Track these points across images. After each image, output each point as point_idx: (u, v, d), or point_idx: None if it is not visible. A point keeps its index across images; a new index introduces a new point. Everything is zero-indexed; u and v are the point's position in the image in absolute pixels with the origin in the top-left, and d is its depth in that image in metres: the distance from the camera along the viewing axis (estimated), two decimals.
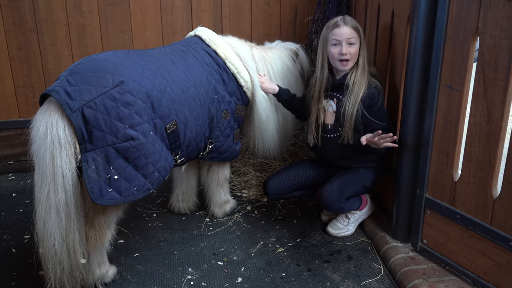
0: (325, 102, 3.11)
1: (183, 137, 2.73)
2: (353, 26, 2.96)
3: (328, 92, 3.10)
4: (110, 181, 2.40)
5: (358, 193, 3.19)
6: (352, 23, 2.98)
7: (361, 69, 2.99)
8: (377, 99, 2.97)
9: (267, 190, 3.26)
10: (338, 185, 3.06)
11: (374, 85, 2.99)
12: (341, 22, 2.98)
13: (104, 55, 2.55)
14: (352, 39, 2.96)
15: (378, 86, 3.00)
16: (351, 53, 2.96)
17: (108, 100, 2.36)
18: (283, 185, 3.24)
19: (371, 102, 2.96)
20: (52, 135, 2.30)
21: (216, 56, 3.06)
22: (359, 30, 2.98)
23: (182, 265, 3.00)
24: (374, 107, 2.97)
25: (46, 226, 2.40)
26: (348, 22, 2.97)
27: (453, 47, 2.52)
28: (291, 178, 3.26)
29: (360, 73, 2.99)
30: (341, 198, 3.06)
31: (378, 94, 2.97)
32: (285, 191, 3.26)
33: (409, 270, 2.80)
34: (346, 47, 2.96)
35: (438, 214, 2.77)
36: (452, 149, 2.63)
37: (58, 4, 3.79)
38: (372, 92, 2.96)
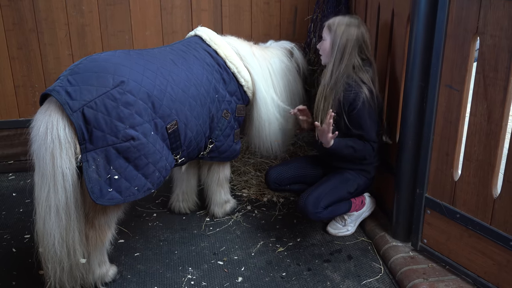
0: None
1: (184, 137, 2.73)
2: (328, 26, 3.00)
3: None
4: (111, 181, 2.40)
5: (339, 200, 3.13)
6: (329, 24, 3.00)
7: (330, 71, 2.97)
8: (355, 105, 2.93)
9: (268, 179, 3.27)
10: (315, 195, 3.03)
11: (356, 90, 2.92)
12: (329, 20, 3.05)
13: (104, 55, 2.55)
14: (323, 36, 3.04)
15: (362, 92, 2.92)
16: (322, 49, 3.06)
17: (108, 100, 2.36)
18: (283, 176, 3.24)
19: (350, 107, 2.95)
20: (52, 135, 2.30)
21: (217, 55, 3.06)
22: (331, 28, 2.98)
23: (182, 265, 3.00)
24: (351, 112, 2.95)
25: (46, 225, 2.40)
26: (328, 22, 3.03)
27: (453, 46, 2.52)
28: (292, 170, 3.26)
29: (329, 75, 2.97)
30: (317, 208, 3.01)
31: (357, 100, 2.91)
32: (285, 182, 3.26)
33: (409, 270, 2.80)
34: (319, 43, 3.10)
35: (438, 213, 2.77)
36: (452, 149, 2.63)
37: (58, 4, 3.79)
38: (352, 97, 2.93)
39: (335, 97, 2.96)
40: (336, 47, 2.95)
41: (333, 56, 2.97)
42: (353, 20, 2.97)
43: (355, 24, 2.95)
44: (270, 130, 3.33)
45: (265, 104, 3.23)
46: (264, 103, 3.23)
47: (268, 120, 3.28)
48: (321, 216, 3.06)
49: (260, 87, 3.19)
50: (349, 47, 2.92)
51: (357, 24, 2.95)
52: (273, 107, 3.29)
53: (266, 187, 3.77)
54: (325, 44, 3.02)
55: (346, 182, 3.12)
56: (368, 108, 2.94)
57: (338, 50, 2.94)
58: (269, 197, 3.68)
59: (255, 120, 3.28)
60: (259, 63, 3.25)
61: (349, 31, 2.92)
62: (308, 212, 3.01)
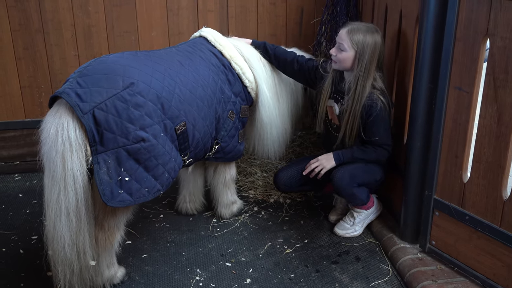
0: (331, 101, 3.11)
1: (192, 137, 2.73)
2: (352, 36, 2.88)
3: (333, 94, 3.11)
4: (121, 183, 2.40)
5: (368, 184, 3.12)
6: (352, 34, 2.89)
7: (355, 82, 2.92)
8: (371, 112, 2.92)
9: (277, 181, 3.26)
10: (350, 171, 3.01)
11: (371, 97, 2.91)
12: (347, 26, 2.97)
13: (113, 57, 2.55)
14: (341, 45, 2.93)
15: (378, 99, 2.91)
16: (338, 58, 2.96)
17: (118, 102, 2.35)
18: (294, 178, 3.23)
19: (367, 114, 2.94)
20: (63, 137, 2.30)
21: (222, 56, 3.06)
22: (353, 37, 2.88)
23: (190, 266, 3.00)
24: (368, 119, 2.95)
25: (56, 228, 2.40)
26: (350, 30, 2.91)
27: (463, 48, 2.52)
28: (302, 171, 3.21)
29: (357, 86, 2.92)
30: (353, 183, 3.01)
31: (374, 107, 2.90)
32: (296, 184, 3.25)
33: (417, 272, 2.80)
34: (335, 49, 2.98)
35: (447, 215, 2.77)
36: (462, 151, 2.63)
37: (64, 4, 3.78)
38: (369, 104, 2.91)
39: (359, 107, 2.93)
40: (363, 62, 2.87)
41: (360, 72, 2.89)
42: (373, 28, 2.93)
43: (375, 31, 2.91)
44: (270, 135, 3.32)
45: (267, 106, 3.23)
46: (267, 105, 3.22)
47: (268, 125, 3.27)
48: (355, 192, 3.04)
49: (263, 89, 3.19)
50: (375, 58, 2.89)
51: (377, 31, 2.92)
52: (275, 109, 3.28)
53: (272, 188, 3.78)
54: (346, 55, 2.92)
55: (372, 169, 3.10)
56: (383, 114, 2.93)
57: (365, 66, 2.87)
58: (275, 198, 3.68)
59: (257, 122, 3.28)
60: (264, 67, 3.25)
61: (374, 40, 2.87)
62: (345, 185, 2.99)
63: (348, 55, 2.93)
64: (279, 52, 3.28)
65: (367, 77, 2.89)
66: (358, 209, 3.22)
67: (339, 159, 3.06)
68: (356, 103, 2.92)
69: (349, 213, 3.27)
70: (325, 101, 3.12)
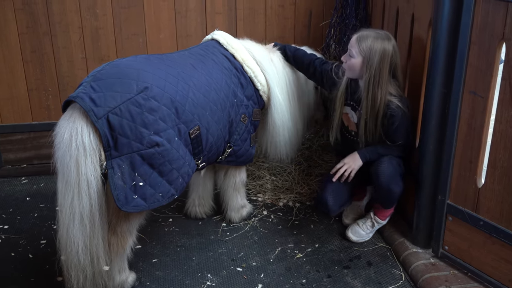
0: (348, 109, 3.09)
1: (206, 142, 2.71)
2: (360, 43, 2.86)
3: (349, 101, 3.08)
4: (136, 188, 2.38)
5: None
6: (360, 41, 2.86)
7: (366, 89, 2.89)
8: (393, 121, 2.89)
9: (326, 204, 3.06)
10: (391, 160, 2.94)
11: (393, 107, 2.88)
12: (357, 33, 2.94)
13: (126, 61, 2.53)
14: (351, 52, 2.91)
15: (399, 108, 2.88)
16: (347, 64, 2.95)
17: (133, 106, 2.34)
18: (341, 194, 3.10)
19: (388, 123, 2.92)
20: (77, 142, 2.28)
21: (234, 60, 3.04)
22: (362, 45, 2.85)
23: (201, 271, 2.98)
24: (390, 126, 2.92)
25: (69, 233, 2.38)
26: (359, 37, 2.88)
27: (478, 53, 2.50)
28: (347, 187, 3.11)
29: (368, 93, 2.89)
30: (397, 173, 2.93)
31: (396, 116, 2.87)
32: (344, 200, 3.14)
33: (431, 277, 2.79)
34: (346, 55, 2.97)
35: (461, 220, 2.76)
36: (476, 156, 2.62)
37: (72, 7, 3.76)
38: (390, 114, 2.88)
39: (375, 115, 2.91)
40: (372, 69, 2.84)
41: (370, 80, 2.85)
42: (384, 35, 2.88)
43: (387, 38, 2.86)
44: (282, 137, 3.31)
45: (279, 108, 3.21)
46: (279, 108, 3.21)
47: (280, 128, 3.26)
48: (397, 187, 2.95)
49: (275, 92, 3.17)
50: (385, 65, 2.84)
51: (389, 38, 2.87)
52: (287, 111, 3.27)
53: (281, 191, 3.77)
54: (355, 62, 2.90)
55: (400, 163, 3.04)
56: (405, 121, 2.92)
57: (375, 73, 2.84)
58: (284, 202, 3.67)
59: (269, 124, 3.26)
60: (276, 69, 3.24)
61: (382, 47, 2.83)
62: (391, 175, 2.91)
63: (356, 61, 2.91)
64: (298, 54, 3.28)
65: (378, 84, 2.85)
66: (379, 219, 3.17)
67: (365, 156, 3.01)
68: (371, 111, 2.90)
69: (368, 221, 3.21)
70: (340, 108, 3.09)
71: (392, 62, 2.87)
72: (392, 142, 2.96)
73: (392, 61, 2.87)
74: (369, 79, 2.86)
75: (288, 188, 3.79)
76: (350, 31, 3.89)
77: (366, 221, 3.21)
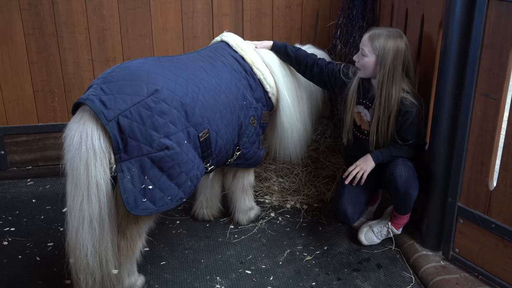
0: (361, 108, 3.06)
1: (215, 145, 2.69)
2: (372, 41, 2.85)
3: (362, 100, 3.06)
4: (145, 191, 2.37)
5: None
6: (373, 39, 2.85)
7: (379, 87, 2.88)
8: (407, 117, 2.87)
9: (346, 214, 3.01)
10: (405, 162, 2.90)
11: (408, 104, 2.86)
12: (369, 32, 2.93)
13: (136, 63, 2.51)
14: (363, 51, 2.90)
15: (413, 103, 2.86)
16: (360, 63, 2.94)
17: (143, 109, 2.32)
18: (359, 201, 3.06)
19: (402, 119, 2.90)
20: (87, 145, 2.26)
21: (243, 62, 3.02)
22: (374, 43, 2.84)
23: (210, 274, 2.96)
24: (404, 123, 2.90)
25: (78, 236, 2.36)
26: (372, 36, 2.87)
27: (491, 55, 2.48)
28: (363, 194, 3.09)
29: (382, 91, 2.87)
30: (414, 175, 2.89)
31: (410, 112, 2.86)
32: (362, 207, 3.11)
33: (441, 280, 2.77)
34: (358, 55, 2.96)
35: (472, 223, 2.74)
36: (488, 158, 2.60)
37: (78, 7, 3.74)
38: (404, 110, 2.87)
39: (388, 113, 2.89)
40: (386, 67, 2.82)
41: (384, 78, 2.84)
42: (396, 33, 2.87)
43: (400, 36, 2.85)
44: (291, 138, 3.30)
45: (288, 110, 3.19)
46: (288, 110, 3.19)
47: (289, 129, 3.25)
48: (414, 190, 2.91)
49: (284, 94, 3.16)
50: (398, 63, 2.82)
51: (401, 36, 2.86)
52: (296, 113, 3.25)
53: (288, 193, 3.75)
54: (368, 61, 2.88)
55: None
56: (419, 119, 2.90)
57: (389, 71, 2.82)
58: (292, 204, 3.65)
59: (277, 126, 3.25)
60: (285, 70, 3.22)
61: (396, 45, 2.81)
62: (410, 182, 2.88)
63: (370, 60, 2.89)
64: (300, 55, 3.21)
65: (392, 82, 2.83)
66: (394, 228, 3.12)
67: (378, 158, 2.98)
68: (385, 109, 2.88)
69: (384, 230, 3.16)
70: (351, 108, 3.07)
71: (405, 59, 2.85)
72: (403, 141, 2.94)
73: (405, 59, 2.86)
74: (382, 77, 2.84)
75: (295, 190, 3.78)
76: (357, 32, 3.88)
77: (381, 230, 3.16)
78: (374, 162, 2.99)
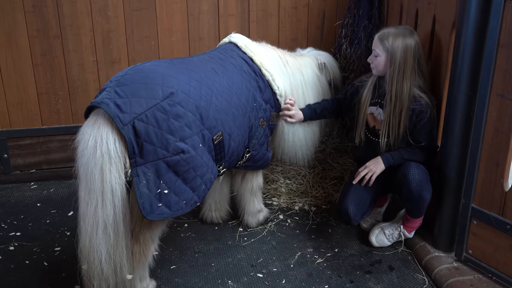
0: (374, 108, 3.05)
1: (228, 147, 2.67)
2: (382, 40, 2.89)
3: (376, 100, 3.04)
4: (161, 196, 2.33)
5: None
6: (382, 38, 2.89)
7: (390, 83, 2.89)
8: (421, 117, 2.87)
9: (347, 213, 2.99)
10: (418, 165, 2.88)
11: (423, 104, 2.86)
12: (379, 32, 2.95)
13: (150, 65, 2.48)
14: (375, 51, 2.94)
15: (427, 103, 2.87)
16: (374, 64, 2.97)
17: (159, 112, 2.28)
18: (363, 202, 3.04)
19: (416, 119, 2.89)
20: (102, 149, 2.22)
21: (252, 63, 3.00)
22: (384, 42, 2.87)
23: (221, 278, 2.93)
24: (417, 124, 2.90)
25: (92, 242, 2.32)
26: (381, 35, 2.91)
27: (507, 56, 2.47)
28: (369, 194, 3.06)
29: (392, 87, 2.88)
30: (427, 178, 2.87)
31: (424, 113, 2.86)
32: (365, 208, 3.08)
33: (456, 281, 2.76)
34: (371, 56, 2.99)
35: (486, 224, 2.72)
36: (503, 159, 2.58)
37: (83, 9, 3.70)
38: (418, 110, 2.87)
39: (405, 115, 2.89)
40: (396, 63, 2.84)
41: (394, 73, 2.85)
42: (406, 30, 2.88)
43: (409, 33, 2.86)
44: (298, 140, 3.28)
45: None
46: None
47: (296, 130, 3.23)
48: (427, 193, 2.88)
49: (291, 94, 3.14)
50: (409, 59, 2.83)
51: (412, 34, 2.87)
52: None
53: (296, 195, 3.73)
54: (378, 61, 2.92)
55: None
56: (432, 119, 2.89)
57: (399, 67, 2.84)
58: (300, 206, 3.63)
59: (285, 128, 3.23)
60: (292, 72, 3.20)
61: (404, 42, 2.83)
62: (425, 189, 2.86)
63: (382, 59, 2.92)
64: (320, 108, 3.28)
65: (402, 77, 2.85)
66: (407, 232, 3.10)
67: (388, 161, 2.97)
68: (396, 104, 2.88)
69: (396, 233, 3.14)
70: (365, 109, 3.06)
71: (415, 55, 2.86)
72: (415, 142, 2.93)
73: (416, 54, 2.86)
74: (393, 72, 2.86)
75: (303, 191, 3.75)
76: (362, 32, 3.86)
77: (393, 232, 3.14)
78: (384, 164, 2.98)
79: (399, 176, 2.91)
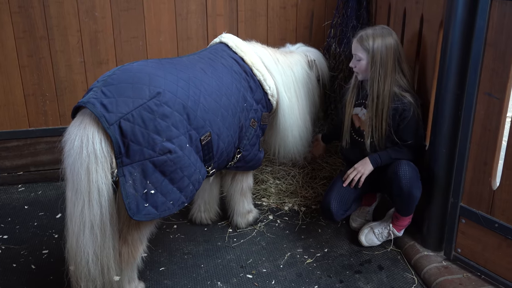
0: (359, 109, 3.05)
1: (216, 148, 2.65)
2: (362, 43, 2.90)
3: (360, 100, 3.06)
4: (147, 196, 2.32)
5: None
6: (362, 41, 2.89)
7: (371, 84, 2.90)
8: (405, 115, 2.88)
9: (329, 209, 3.02)
10: (409, 163, 2.88)
11: (406, 102, 2.87)
12: (356, 36, 2.96)
13: (137, 65, 2.46)
14: (357, 56, 2.95)
15: (410, 102, 2.87)
16: (358, 68, 2.98)
17: (145, 112, 2.27)
18: (346, 199, 3.07)
19: (400, 118, 2.90)
20: (88, 149, 2.20)
21: (243, 63, 2.98)
22: (365, 44, 2.88)
23: (210, 279, 2.91)
24: (401, 123, 2.91)
25: (79, 243, 2.30)
26: (360, 39, 2.92)
27: (494, 54, 2.48)
28: (353, 192, 3.09)
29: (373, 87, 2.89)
30: (417, 175, 2.88)
31: (407, 111, 2.87)
32: (348, 205, 3.10)
33: (444, 280, 2.76)
34: (353, 61, 3.00)
35: (474, 223, 2.73)
36: (491, 157, 2.59)
37: (70, 10, 3.67)
38: (401, 108, 2.88)
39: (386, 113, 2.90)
40: (377, 64, 2.85)
41: (375, 74, 2.87)
42: (384, 30, 2.89)
43: (387, 33, 2.87)
44: (292, 137, 3.27)
45: (288, 109, 3.17)
46: (287, 109, 3.16)
47: (290, 128, 3.22)
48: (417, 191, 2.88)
49: (283, 94, 3.13)
50: (389, 59, 2.85)
51: (391, 34, 2.88)
52: (295, 111, 3.22)
53: (286, 195, 3.72)
54: (362, 64, 2.93)
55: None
56: (417, 118, 2.89)
57: (380, 67, 2.85)
58: (290, 206, 3.62)
59: (278, 127, 3.22)
60: (283, 70, 3.19)
61: (384, 42, 2.84)
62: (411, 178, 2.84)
63: (365, 62, 2.93)
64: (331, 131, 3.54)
65: (384, 77, 2.86)
66: (396, 229, 3.09)
67: (376, 161, 2.98)
68: (377, 103, 2.88)
69: (385, 232, 3.13)
70: (350, 111, 3.06)
71: (395, 54, 2.87)
72: (402, 141, 2.93)
73: (396, 53, 2.87)
74: (374, 73, 2.87)
75: (293, 191, 3.75)
76: (350, 32, 3.86)
77: (383, 231, 3.14)
78: (372, 165, 2.99)
79: (389, 173, 2.91)
